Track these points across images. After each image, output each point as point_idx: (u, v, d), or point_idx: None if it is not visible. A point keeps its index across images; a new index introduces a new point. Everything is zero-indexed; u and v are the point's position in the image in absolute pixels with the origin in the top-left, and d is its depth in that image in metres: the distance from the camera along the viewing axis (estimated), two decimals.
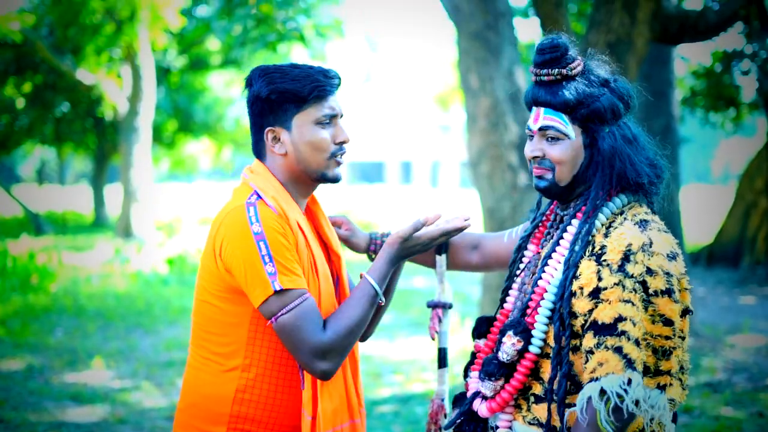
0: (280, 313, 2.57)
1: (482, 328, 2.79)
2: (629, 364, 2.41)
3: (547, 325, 2.58)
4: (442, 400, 3.11)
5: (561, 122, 2.61)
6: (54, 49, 21.29)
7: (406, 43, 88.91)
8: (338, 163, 2.79)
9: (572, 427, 2.47)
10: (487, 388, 2.63)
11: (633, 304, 2.45)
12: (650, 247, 2.50)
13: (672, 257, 2.53)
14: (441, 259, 3.16)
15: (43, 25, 21.47)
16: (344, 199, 29.69)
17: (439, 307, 3.19)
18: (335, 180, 2.79)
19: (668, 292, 2.48)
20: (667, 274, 2.49)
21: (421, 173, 60.51)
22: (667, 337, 2.49)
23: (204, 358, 2.73)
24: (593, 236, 2.58)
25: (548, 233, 2.78)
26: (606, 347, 2.42)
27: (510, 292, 2.78)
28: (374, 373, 8.59)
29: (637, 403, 2.42)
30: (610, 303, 2.45)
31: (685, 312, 2.55)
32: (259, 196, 2.67)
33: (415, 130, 59.23)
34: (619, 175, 2.60)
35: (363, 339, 3.00)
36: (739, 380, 8.37)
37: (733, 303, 13.37)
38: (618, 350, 2.41)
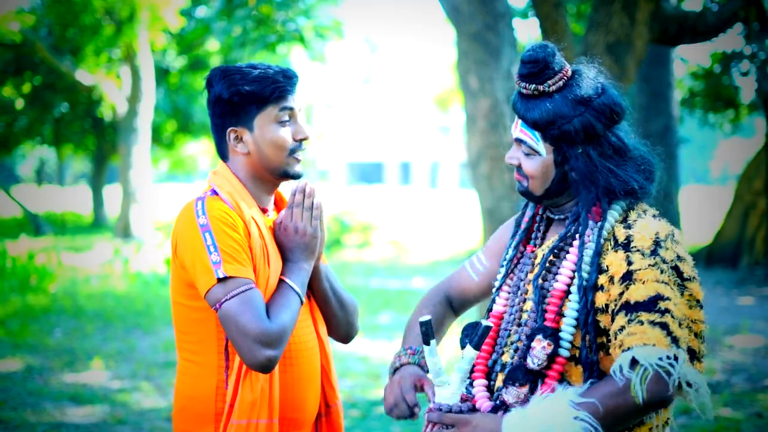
0: (224, 299, 2.59)
1: (473, 335, 2.72)
2: (674, 341, 2.42)
3: (574, 327, 2.56)
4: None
5: (533, 138, 2.63)
6: (53, 49, 21.32)
7: (405, 44, 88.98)
8: (297, 160, 2.84)
9: (596, 387, 2.46)
10: (510, 394, 2.57)
11: (671, 287, 2.48)
12: (674, 236, 2.58)
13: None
14: (429, 349, 2.64)
15: (43, 26, 21.50)
16: (344, 200, 29.67)
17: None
18: (296, 177, 2.85)
19: (696, 278, 2.56)
20: (692, 261, 2.59)
21: (420, 174, 60.52)
22: (702, 322, 2.55)
23: (185, 360, 2.78)
24: (610, 233, 2.60)
25: (536, 234, 2.79)
26: (640, 322, 2.43)
27: (500, 294, 2.77)
28: (373, 373, 8.59)
29: (689, 383, 2.45)
30: (644, 283, 2.47)
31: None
32: (214, 192, 2.75)
33: (414, 131, 59.26)
34: (605, 188, 2.61)
35: (347, 340, 3.06)
36: (738, 381, 8.37)
37: (731, 304, 13.37)
38: (662, 326, 2.42)
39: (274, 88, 2.74)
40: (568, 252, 2.65)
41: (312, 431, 2.91)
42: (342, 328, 3.00)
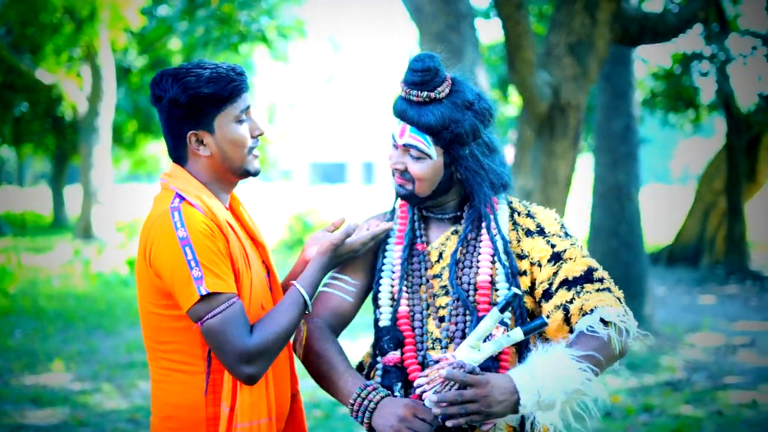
0: (206, 317, 2.57)
1: (391, 339, 2.81)
2: (619, 300, 2.70)
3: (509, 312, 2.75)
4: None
5: (424, 143, 2.76)
6: (13, 48, 21.10)
7: (368, 43, 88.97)
8: (256, 157, 2.82)
9: (581, 342, 2.61)
10: None
11: (592, 259, 2.77)
12: None
13: None
14: (498, 317, 2.59)
15: (2, 24, 21.26)
16: (306, 200, 29.60)
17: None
18: (256, 173, 2.82)
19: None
20: None
21: (383, 174, 60.53)
22: None
23: (165, 369, 2.72)
24: (517, 222, 2.86)
25: (420, 233, 2.90)
26: (588, 291, 2.68)
27: (404, 294, 2.83)
28: None
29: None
30: (574, 260, 2.74)
31: None
32: (182, 198, 2.68)
33: (377, 131, 59.27)
34: (491, 183, 2.81)
35: None
36: (699, 379, 8.45)
37: (692, 302, 13.49)
38: (608, 290, 2.69)
39: (232, 87, 2.70)
40: (477, 246, 2.82)
41: None
42: None
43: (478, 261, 2.79)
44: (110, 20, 19.49)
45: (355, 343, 9.96)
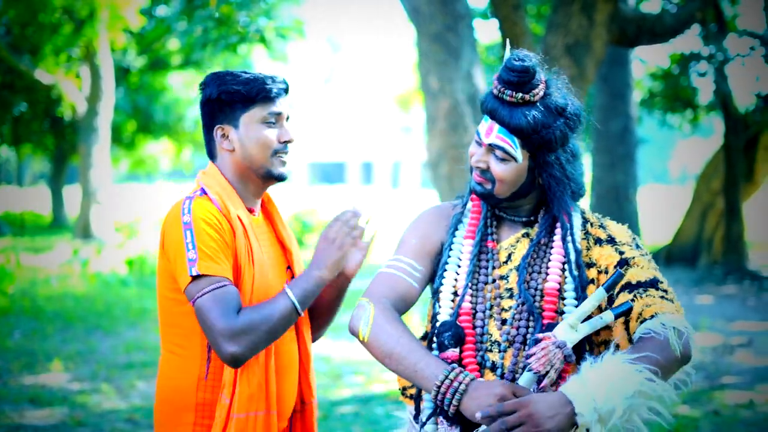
0: (197, 295, 2.70)
1: (452, 335, 2.71)
2: (680, 311, 2.64)
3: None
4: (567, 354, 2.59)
5: (512, 145, 2.68)
6: (12, 48, 21.09)
7: (367, 44, 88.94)
8: (282, 162, 2.93)
9: (639, 347, 2.55)
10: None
11: (660, 274, 2.71)
12: None
13: None
14: (602, 297, 2.65)
15: (1, 24, 21.26)
16: (305, 200, 29.59)
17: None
18: (280, 178, 2.93)
19: None
20: None
21: (382, 174, 60.54)
22: None
23: (168, 351, 2.87)
24: (589, 232, 2.79)
25: (491, 230, 2.83)
26: (650, 295, 2.62)
27: (469, 291, 2.76)
28: (334, 373, 8.60)
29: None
30: (641, 267, 2.68)
31: None
32: (203, 192, 2.86)
33: (376, 131, 59.26)
34: (572, 192, 2.76)
35: (315, 340, 3.14)
36: (696, 379, 8.45)
37: (690, 303, 13.50)
38: (670, 300, 2.63)
39: (261, 89, 2.86)
40: (549, 252, 2.75)
41: (286, 428, 2.98)
42: (320, 331, 3.15)
43: (548, 267, 2.72)
44: (109, 20, 19.49)
45: (353, 343, 9.97)
